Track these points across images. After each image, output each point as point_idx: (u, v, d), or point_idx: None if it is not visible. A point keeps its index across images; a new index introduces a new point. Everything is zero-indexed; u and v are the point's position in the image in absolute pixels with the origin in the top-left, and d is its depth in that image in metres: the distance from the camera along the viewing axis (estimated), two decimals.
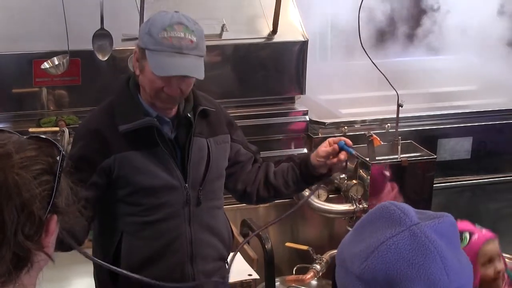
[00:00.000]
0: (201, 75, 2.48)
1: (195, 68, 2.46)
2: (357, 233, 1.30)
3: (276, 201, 3.90)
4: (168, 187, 2.58)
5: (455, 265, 1.24)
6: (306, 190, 3.24)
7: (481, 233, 2.81)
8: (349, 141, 2.68)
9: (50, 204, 1.28)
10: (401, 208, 1.26)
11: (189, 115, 2.62)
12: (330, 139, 2.71)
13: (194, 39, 2.46)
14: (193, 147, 2.61)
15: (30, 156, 1.28)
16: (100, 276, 2.73)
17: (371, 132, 3.76)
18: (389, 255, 1.22)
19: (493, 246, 2.78)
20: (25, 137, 1.35)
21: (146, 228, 2.61)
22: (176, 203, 2.60)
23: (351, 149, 2.66)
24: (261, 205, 3.85)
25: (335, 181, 3.93)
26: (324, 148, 2.69)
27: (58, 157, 1.32)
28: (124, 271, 2.41)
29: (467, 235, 2.79)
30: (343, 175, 3.89)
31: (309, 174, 2.74)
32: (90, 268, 2.82)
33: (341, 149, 2.66)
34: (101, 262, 2.37)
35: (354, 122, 4.04)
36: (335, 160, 2.66)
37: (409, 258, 1.21)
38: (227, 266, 2.82)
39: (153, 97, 2.51)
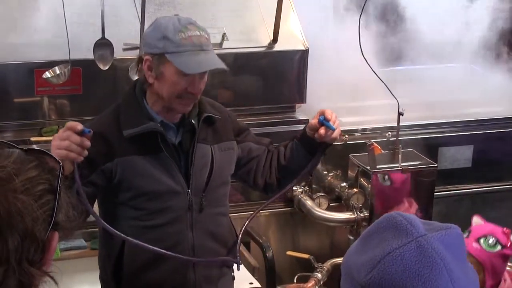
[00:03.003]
0: (225, 67, 2.56)
1: (218, 61, 2.55)
2: (363, 242, 1.30)
3: (276, 209, 3.95)
4: (171, 192, 2.59)
5: (462, 278, 1.23)
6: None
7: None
8: (328, 115, 2.63)
9: (51, 224, 1.25)
10: (408, 219, 1.26)
11: (193, 121, 2.63)
12: (320, 110, 2.69)
13: (206, 36, 2.55)
14: (197, 153, 2.62)
15: (31, 177, 1.24)
16: (104, 276, 2.75)
17: (372, 140, 3.77)
18: (395, 266, 1.21)
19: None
20: (25, 148, 1.32)
21: (149, 232, 2.62)
22: (178, 208, 2.62)
23: (330, 124, 2.62)
24: (262, 213, 3.85)
25: (336, 189, 3.93)
26: (312, 121, 2.70)
27: (58, 171, 1.29)
28: (140, 242, 2.51)
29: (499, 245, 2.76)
30: (344, 184, 3.90)
31: (310, 143, 2.73)
32: (95, 277, 2.82)
33: (321, 124, 2.64)
34: (117, 232, 2.48)
35: (355, 130, 4.04)
36: (317, 134, 2.66)
37: (415, 270, 1.21)
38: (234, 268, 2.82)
39: (174, 100, 2.54)
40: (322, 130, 2.63)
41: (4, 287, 1.19)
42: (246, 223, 2.84)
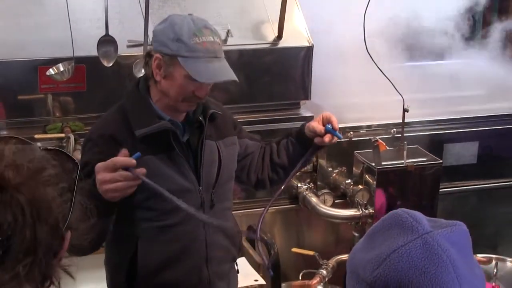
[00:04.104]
0: (236, 78, 2.54)
1: (230, 71, 2.53)
2: (369, 240, 1.30)
3: (282, 207, 3.95)
4: (183, 190, 2.58)
5: (468, 275, 1.23)
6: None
7: None
8: (335, 124, 2.70)
9: (67, 221, 1.27)
10: (414, 216, 1.26)
11: (200, 118, 2.63)
12: (323, 114, 2.74)
13: (219, 41, 2.52)
14: (205, 150, 2.62)
15: (55, 173, 1.27)
16: (116, 281, 2.72)
17: (377, 137, 3.76)
18: (401, 264, 1.21)
19: None
20: (49, 146, 1.34)
21: (163, 232, 2.61)
22: (191, 206, 2.60)
23: (338, 133, 2.70)
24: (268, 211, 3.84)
25: (341, 186, 3.93)
26: (313, 124, 2.75)
27: (74, 174, 1.32)
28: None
29: None
30: (349, 180, 3.89)
31: (307, 143, 2.79)
32: (100, 275, 2.81)
33: (328, 132, 2.69)
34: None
35: (360, 127, 4.04)
36: (320, 140, 2.72)
37: (421, 267, 1.20)
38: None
39: (179, 101, 2.52)
40: (327, 138, 2.70)
41: (28, 279, 1.20)
42: (263, 214, 2.84)
